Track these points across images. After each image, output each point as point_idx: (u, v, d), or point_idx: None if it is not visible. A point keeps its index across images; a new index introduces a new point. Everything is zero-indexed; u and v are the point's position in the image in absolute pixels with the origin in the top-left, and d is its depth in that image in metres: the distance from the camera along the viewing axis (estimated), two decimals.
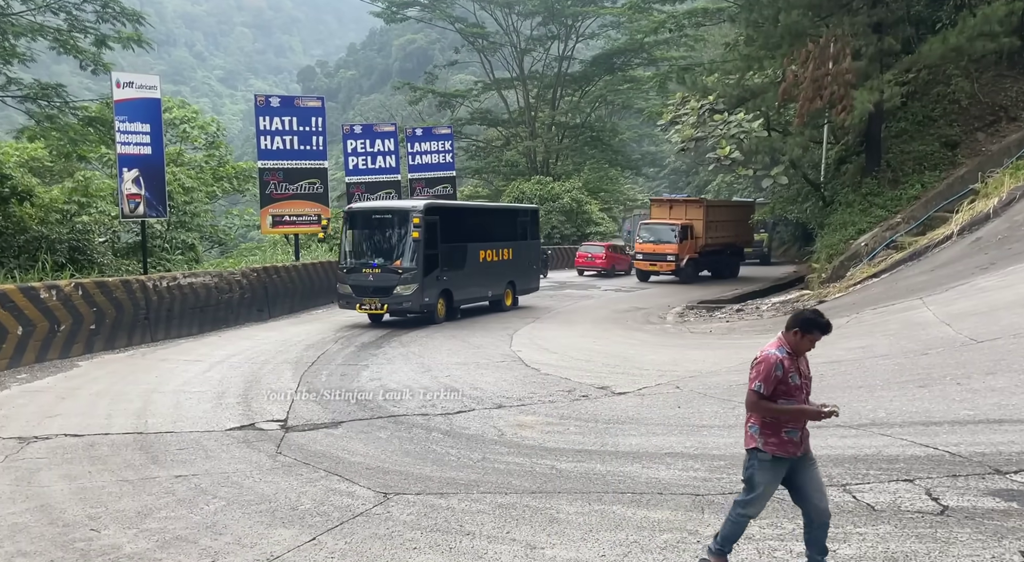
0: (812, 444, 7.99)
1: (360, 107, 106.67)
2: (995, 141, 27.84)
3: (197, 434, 9.58)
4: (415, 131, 30.24)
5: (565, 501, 6.99)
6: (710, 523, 6.26)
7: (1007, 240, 19.08)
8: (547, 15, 46.90)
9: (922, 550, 5.45)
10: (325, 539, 6.25)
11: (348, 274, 19.35)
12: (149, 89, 18.52)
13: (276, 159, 23.26)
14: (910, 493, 6.52)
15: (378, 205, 22.32)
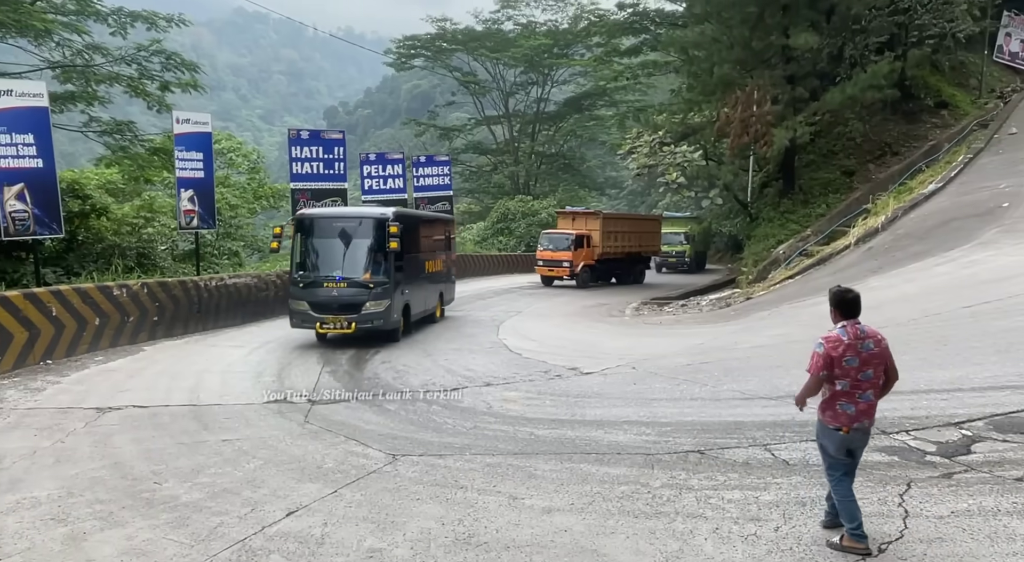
0: (738, 414, 8.10)
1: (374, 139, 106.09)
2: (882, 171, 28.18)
3: (240, 406, 9.50)
4: (419, 158, 30.12)
5: (542, 461, 6.99)
6: (659, 477, 6.27)
7: (892, 249, 19.30)
8: (528, 65, 47.02)
9: (824, 495, 5.48)
10: (345, 492, 6.22)
11: (305, 289, 13.86)
12: (202, 125, 18.43)
13: (305, 181, 23.14)
14: (816, 451, 6.52)
15: (340, 211, 16.85)
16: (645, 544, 4.97)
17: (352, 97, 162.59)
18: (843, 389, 4.60)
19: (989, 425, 6.49)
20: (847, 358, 4.54)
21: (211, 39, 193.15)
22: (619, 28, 38.11)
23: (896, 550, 4.55)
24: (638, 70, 40.84)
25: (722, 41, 28.39)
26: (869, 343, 4.56)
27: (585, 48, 46.08)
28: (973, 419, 6.62)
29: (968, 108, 31.20)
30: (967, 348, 8.81)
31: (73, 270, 16.61)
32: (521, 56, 45.30)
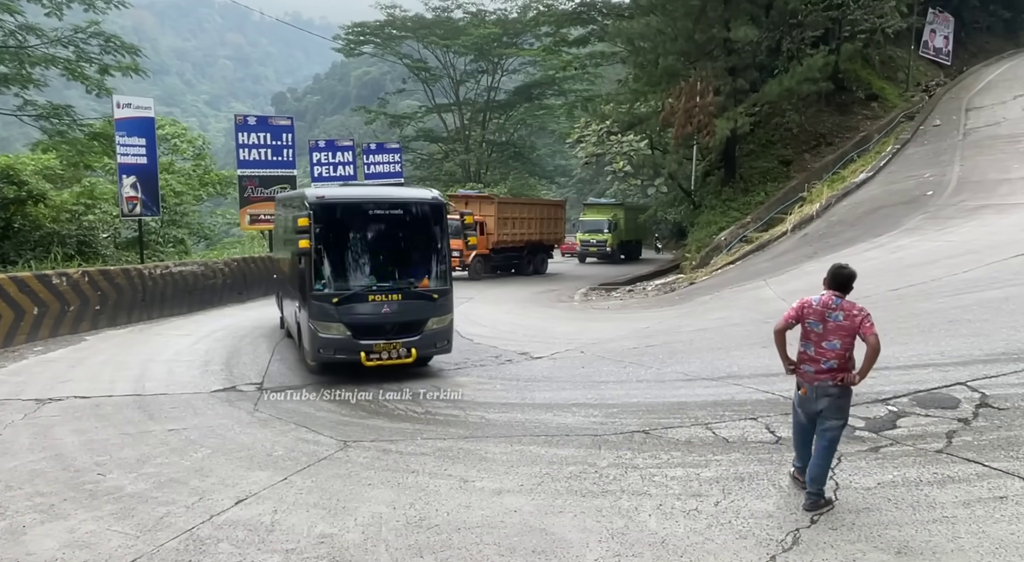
0: (681, 394, 8.28)
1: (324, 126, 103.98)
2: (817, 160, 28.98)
3: (187, 395, 9.24)
4: (370, 146, 29.69)
5: (492, 444, 7.01)
6: (606, 457, 6.36)
7: (826, 235, 19.92)
8: (478, 54, 46.63)
9: (761, 470, 5.66)
10: (295, 479, 6.13)
11: (340, 306, 9.61)
12: (144, 109, 17.79)
13: (253, 168, 22.60)
14: (754, 428, 6.74)
15: (377, 194, 11.31)
16: (592, 522, 5.04)
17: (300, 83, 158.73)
18: (809, 352, 4.96)
19: (913, 401, 6.78)
20: (810, 321, 4.95)
21: (153, 22, 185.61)
22: (567, 18, 38.08)
23: (827, 521, 4.72)
24: (586, 60, 40.97)
25: (666, 33, 28.67)
26: (838, 315, 4.86)
27: (534, 38, 45.93)
28: (899, 395, 6.90)
29: (896, 101, 32.31)
30: (894, 329, 9.16)
31: (9, 258, 15.90)
32: (471, 44, 44.90)
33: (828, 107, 31.03)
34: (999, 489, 4.81)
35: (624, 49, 34.90)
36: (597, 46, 39.49)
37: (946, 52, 37.13)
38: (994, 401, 6.46)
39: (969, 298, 10.44)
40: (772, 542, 4.52)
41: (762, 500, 5.14)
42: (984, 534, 4.28)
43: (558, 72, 44.73)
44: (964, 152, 23.62)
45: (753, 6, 27.27)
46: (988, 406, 6.38)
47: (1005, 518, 4.43)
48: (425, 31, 45.51)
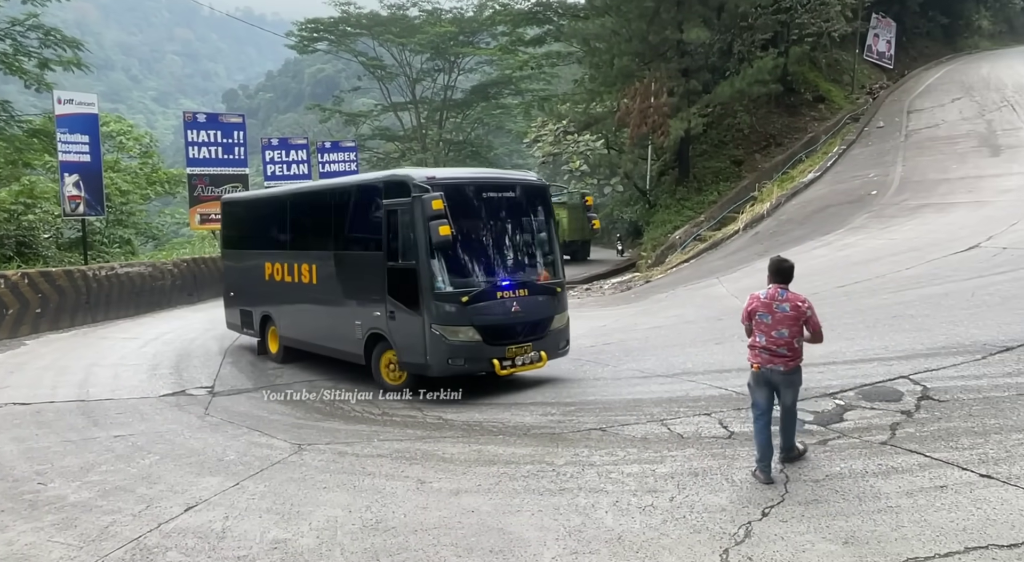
0: (637, 391, 8.36)
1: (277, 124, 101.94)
2: (767, 160, 29.65)
3: (134, 400, 8.98)
4: (324, 144, 29.31)
5: (450, 444, 6.97)
6: (563, 455, 6.38)
7: (776, 233, 20.42)
8: (434, 52, 46.38)
9: (715, 465, 5.75)
10: (247, 484, 5.99)
11: (468, 306, 8.37)
12: (87, 105, 17.25)
13: (203, 166, 22.11)
14: (708, 423, 6.84)
15: (484, 176, 10.17)
16: (549, 520, 5.05)
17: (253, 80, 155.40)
18: (761, 341, 5.36)
19: (859, 394, 6.97)
20: (760, 313, 5.36)
21: (97, 15, 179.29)
22: (523, 18, 38.22)
23: (778, 513, 4.83)
24: (542, 60, 41.14)
25: (621, 34, 28.98)
26: (784, 305, 5.28)
27: (491, 36, 45.94)
28: (845, 390, 7.10)
29: (842, 103, 33.25)
30: (840, 324, 9.42)
31: None
32: (427, 43, 44.64)
33: (778, 109, 31.76)
34: (939, 479, 4.98)
35: (580, 49, 35.16)
36: (553, 46, 39.71)
37: (889, 56, 38.36)
38: (935, 393, 6.70)
39: (911, 294, 10.81)
40: (725, 535, 4.59)
41: (715, 494, 5.23)
42: (926, 522, 4.43)
43: (515, 71, 44.81)
44: (906, 153, 24.46)
45: (705, 8, 27.74)
46: (929, 398, 6.60)
47: (945, 506, 4.59)
48: (380, 29, 45.07)
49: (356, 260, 9.54)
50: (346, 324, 9.49)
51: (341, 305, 9.73)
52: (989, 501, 4.57)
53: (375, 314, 8.99)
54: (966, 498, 4.65)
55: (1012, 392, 6.47)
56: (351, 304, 9.50)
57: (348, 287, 9.63)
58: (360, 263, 9.42)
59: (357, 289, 9.44)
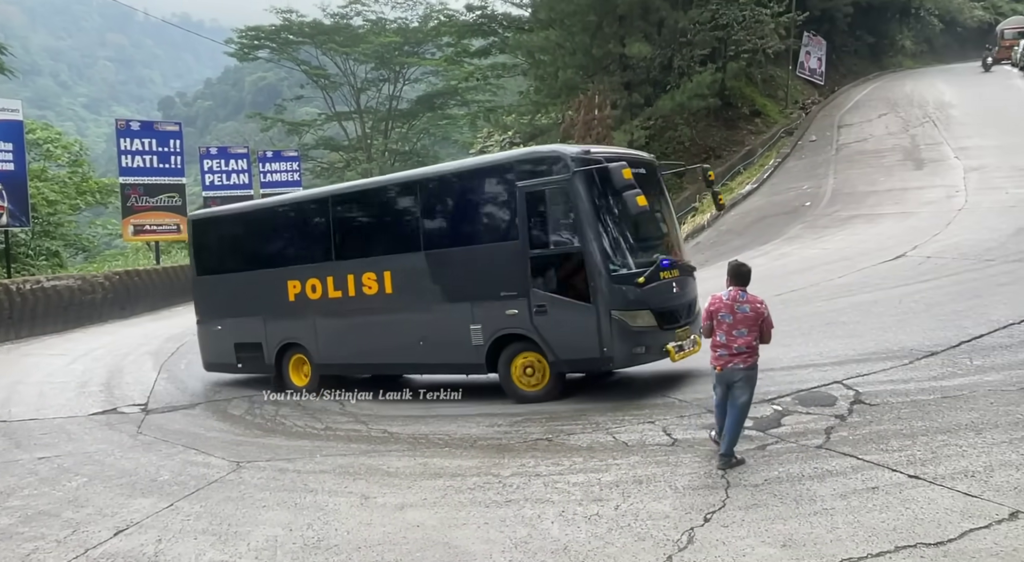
0: (583, 400, 8.40)
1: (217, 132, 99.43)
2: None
3: (61, 420, 8.56)
4: (266, 153, 28.76)
5: (395, 457, 6.88)
6: (509, 466, 6.36)
7: (717, 243, 20.97)
8: (379, 62, 46.08)
9: (659, 472, 5.82)
10: (182, 504, 5.78)
11: (647, 287, 7.82)
12: (11, 112, 16.55)
13: (137, 175, 21.38)
14: (652, 431, 6.91)
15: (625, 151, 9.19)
16: (495, 532, 5.02)
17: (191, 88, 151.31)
18: (722, 340, 5.68)
19: (795, 400, 7.18)
20: (721, 313, 5.66)
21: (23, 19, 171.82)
22: (468, 29, 38.38)
23: (720, 518, 4.91)
24: (488, 71, 41.37)
25: (565, 47, 29.41)
26: (745, 307, 5.61)
27: (436, 47, 45.93)
28: (783, 395, 7.29)
29: (777, 117, 34.46)
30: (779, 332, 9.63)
31: None
32: (372, 52, 44.34)
33: (717, 122, 32.67)
34: (871, 480, 5.16)
35: (525, 61, 35.50)
36: (499, 58, 39.99)
37: (820, 73, 39.97)
38: (866, 398, 6.94)
39: (843, 302, 11.21)
40: (669, 542, 4.65)
41: (659, 501, 5.29)
42: (859, 523, 4.57)
43: (460, 82, 44.91)
44: (837, 166, 25.47)
45: (646, 24, 28.40)
46: (861, 402, 6.84)
47: (877, 507, 4.75)
48: (324, 37, 44.56)
49: (470, 255, 8.48)
50: (452, 331, 8.53)
51: (440, 312, 8.77)
52: (917, 501, 4.75)
53: (508, 312, 8.06)
54: (896, 498, 4.82)
55: (937, 395, 6.76)
56: (461, 307, 8.49)
57: (454, 288, 8.64)
58: (478, 258, 8.40)
59: (473, 288, 8.40)
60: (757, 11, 29.02)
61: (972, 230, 13.66)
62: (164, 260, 23.90)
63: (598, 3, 28.23)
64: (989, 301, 9.27)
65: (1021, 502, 4.52)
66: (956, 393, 6.72)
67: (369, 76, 48.00)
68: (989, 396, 6.46)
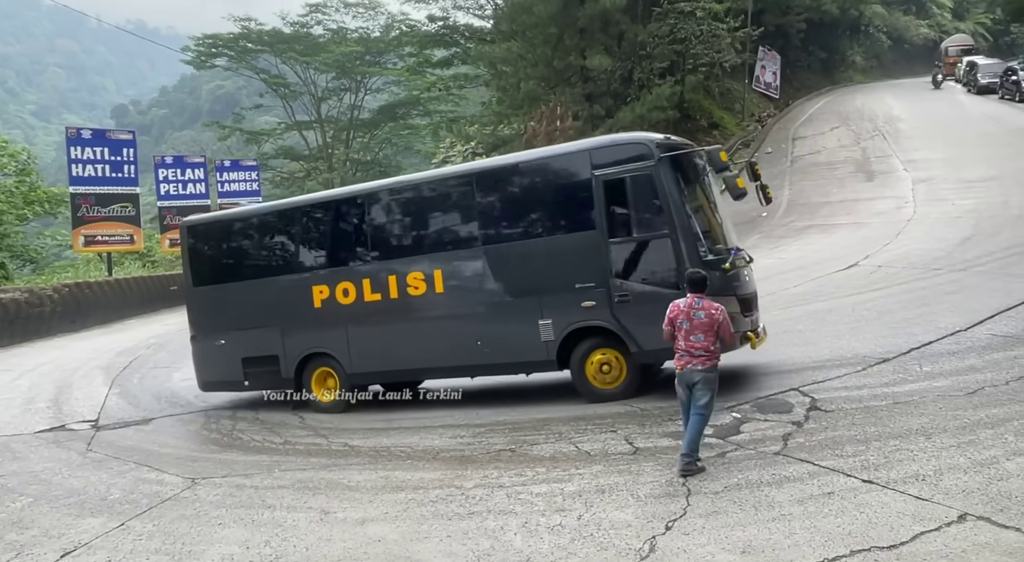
0: (546, 410, 8.40)
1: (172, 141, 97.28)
2: None
3: (5, 438, 8.25)
4: (224, 163, 28.33)
5: (356, 471, 6.79)
6: (472, 477, 6.32)
7: None
8: (340, 71, 45.71)
9: (621, 481, 5.85)
10: (134, 524, 5.60)
11: (731, 275, 7.81)
12: None
13: (88, 185, 20.80)
14: (614, 440, 6.95)
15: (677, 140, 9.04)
16: (458, 545, 4.98)
17: (145, 95, 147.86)
18: (682, 345, 5.90)
19: (754, 407, 7.30)
20: (680, 320, 5.89)
21: None
22: (430, 40, 38.37)
23: (681, 526, 4.95)
24: (450, 82, 41.39)
25: (527, 58, 29.62)
26: (700, 313, 5.84)
27: (398, 57, 45.80)
28: (741, 403, 7.41)
29: (734, 129, 35.18)
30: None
31: None
32: (332, 62, 43.98)
33: (676, 133, 33.19)
34: (827, 486, 5.26)
35: (487, 72, 35.63)
36: (461, 68, 40.06)
37: (775, 86, 40.97)
38: (822, 404, 7.10)
39: (799, 310, 11.46)
40: (631, 551, 4.67)
41: (621, 511, 5.31)
42: (816, 529, 4.66)
43: (423, 92, 44.83)
44: (792, 177, 26.10)
45: (606, 37, 28.77)
46: (817, 409, 6.99)
47: (832, 512, 4.85)
48: (283, 46, 44.08)
49: (538, 248, 8.25)
50: (517, 329, 8.19)
51: (502, 309, 8.44)
52: (871, 505, 4.86)
53: (584, 305, 7.81)
54: (851, 503, 4.93)
55: (889, 401, 6.94)
56: (527, 302, 8.16)
57: (519, 283, 8.35)
58: (548, 250, 8.15)
59: (542, 281, 8.10)
60: (714, 26, 29.64)
61: (920, 240, 14.11)
62: (117, 272, 23.27)
63: (559, 16, 28.53)
64: (937, 309, 9.58)
65: (969, 504, 4.66)
66: (907, 399, 6.91)
67: (330, 85, 47.59)
68: (938, 401, 6.66)
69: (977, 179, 17.94)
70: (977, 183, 17.57)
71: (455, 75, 41.13)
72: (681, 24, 28.77)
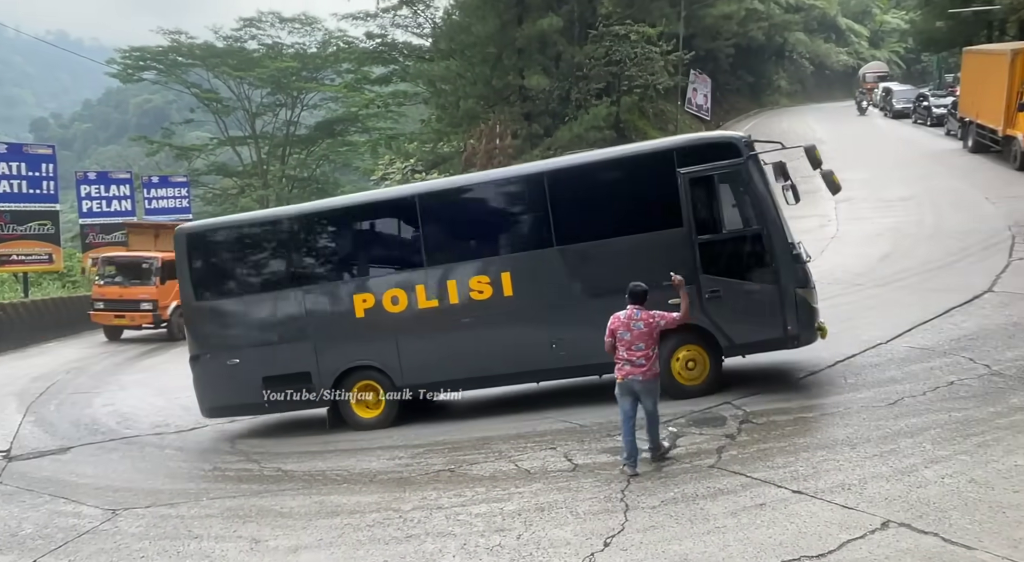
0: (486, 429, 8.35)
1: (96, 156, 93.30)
2: None
3: None
4: (152, 179, 27.35)
5: (289, 497, 6.58)
6: (410, 500, 6.22)
7: None
8: (275, 87, 44.87)
9: (560, 499, 5.85)
10: (47, 560, 5.27)
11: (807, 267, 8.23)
12: None
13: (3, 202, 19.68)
14: (554, 457, 6.95)
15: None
16: None
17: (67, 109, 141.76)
18: (623, 355, 6.14)
19: (689, 421, 7.44)
20: (621, 331, 6.13)
21: None
22: (368, 57, 38.21)
23: (619, 542, 4.98)
24: (389, 99, 41.26)
25: (466, 77, 29.81)
26: (639, 323, 6.09)
27: (336, 73, 45.36)
28: (677, 417, 7.53)
29: None
30: None
31: None
32: (267, 77, 43.17)
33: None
34: (759, 497, 5.39)
35: (426, 90, 35.67)
36: (400, 85, 39.98)
37: (706, 108, 42.41)
38: (754, 417, 7.29)
39: None
40: None
41: (561, 528, 5.31)
42: (748, 540, 4.76)
43: (361, 109, 44.49)
44: None
45: (544, 57, 29.26)
46: (750, 422, 7.18)
47: (764, 523, 4.97)
48: (216, 60, 43.08)
49: (620, 247, 8.19)
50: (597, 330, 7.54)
51: (581, 310, 8.19)
52: (800, 515, 5.00)
53: (671, 302, 7.46)
54: (781, 514, 5.06)
55: (817, 413, 7.19)
56: (608, 302, 7.43)
57: (599, 283, 8.20)
58: (631, 249, 8.11)
59: (625, 280, 7.45)
60: (648, 49, 30.54)
61: (844, 257, 14.73)
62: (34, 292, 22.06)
63: (497, 36, 28.88)
64: (860, 323, 9.99)
65: (891, 512, 4.84)
66: (833, 410, 7.17)
67: (265, 101, 46.68)
68: (862, 412, 6.94)
69: (896, 199, 18.90)
70: (896, 202, 18.51)
71: (394, 92, 41.01)
72: (616, 47, 29.54)
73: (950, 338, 9.11)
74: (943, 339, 9.06)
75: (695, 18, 37.13)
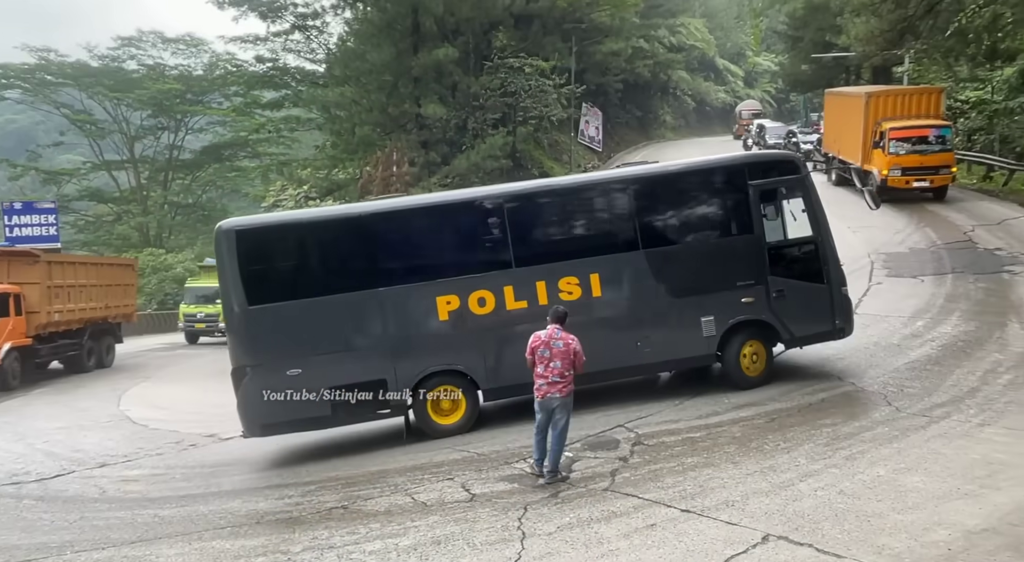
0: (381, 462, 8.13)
1: None
2: None
3: None
4: (14, 205, 25.16)
5: (166, 545, 6.13)
6: (300, 541, 5.94)
7: None
8: (156, 109, 42.59)
9: (457, 530, 5.77)
10: None
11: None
12: None
13: None
14: (451, 488, 6.86)
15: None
16: None
17: None
18: (541, 372, 6.50)
19: (585, 445, 7.57)
20: (541, 350, 6.50)
21: None
22: (258, 81, 37.10)
23: None
24: (281, 124, 40.21)
25: (362, 104, 29.57)
26: (559, 343, 6.48)
27: (223, 97, 43.72)
28: (574, 442, 7.64)
29: None
30: None
31: None
32: (148, 99, 40.99)
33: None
34: (650, 518, 5.54)
35: (320, 116, 35.04)
36: (293, 110, 39.05)
37: (598, 140, 44.02)
38: (645, 439, 7.52)
39: None
40: None
41: (457, 561, 5.23)
42: (640, 561, 4.87)
43: (251, 134, 43.10)
44: None
45: (440, 86, 29.51)
46: (641, 444, 7.39)
47: (655, 543, 5.10)
48: (90, 80, 40.54)
49: (701, 250, 9.05)
50: (681, 327, 8.81)
51: (666, 308, 8.86)
52: (688, 534, 5.17)
53: (744, 301, 8.78)
54: (671, 533, 5.21)
55: (703, 433, 7.51)
56: (690, 301, 8.84)
57: (682, 283, 8.86)
58: (711, 252, 9.02)
59: (705, 281, 8.87)
60: (541, 82, 31.46)
61: None
62: None
63: (393, 64, 28.89)
64: None
65: (771, 526, 5.10)
66: (717, 429, 7.51)
67: (145, 123, 44.24)
68: (744, 430, 7.30)
69: None
70: None
71: (286, 117, 40.00)
72: (511, 78, 30.24)
73: (820, 358, 9.80)
74: (813, 359, 9.73)
75: (585, 54, 38.58)
